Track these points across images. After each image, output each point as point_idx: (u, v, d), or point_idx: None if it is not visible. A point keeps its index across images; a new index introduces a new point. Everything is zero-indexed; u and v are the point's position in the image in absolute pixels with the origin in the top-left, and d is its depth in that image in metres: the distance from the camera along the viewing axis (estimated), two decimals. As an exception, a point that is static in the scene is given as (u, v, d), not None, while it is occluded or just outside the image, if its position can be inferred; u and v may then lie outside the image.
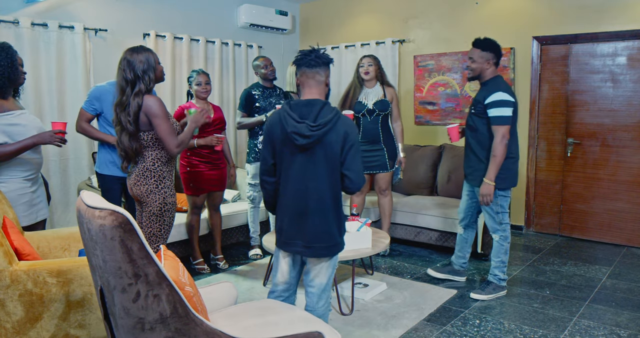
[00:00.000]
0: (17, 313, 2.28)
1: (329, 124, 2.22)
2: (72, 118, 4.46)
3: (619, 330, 3.04)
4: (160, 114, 2.72)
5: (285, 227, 2.37)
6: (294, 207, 2.33)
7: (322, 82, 2.34)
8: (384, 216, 4.51)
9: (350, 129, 2.28)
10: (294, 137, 2.23)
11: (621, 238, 4.77)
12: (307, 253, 2.35)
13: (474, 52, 3.40)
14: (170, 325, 1.60)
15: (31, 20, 4.14)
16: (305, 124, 2.22)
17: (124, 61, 2.71)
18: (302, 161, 2.28)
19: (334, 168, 2.29)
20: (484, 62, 3.38)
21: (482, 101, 3.35)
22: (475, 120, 3.43)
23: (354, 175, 2.30)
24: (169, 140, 2.76)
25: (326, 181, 2.29)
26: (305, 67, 2.31)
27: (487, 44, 3.39)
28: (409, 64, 5.82)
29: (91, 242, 1.60)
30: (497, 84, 3.38)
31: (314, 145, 2.24)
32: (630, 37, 4.55)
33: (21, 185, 2.95)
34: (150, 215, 2.82)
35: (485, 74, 3.42)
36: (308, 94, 2.33)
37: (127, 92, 2.69)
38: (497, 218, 3.46)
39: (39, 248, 2.89)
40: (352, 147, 2.27)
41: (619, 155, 4.72)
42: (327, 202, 2.31)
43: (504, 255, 3.52)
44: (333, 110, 2.27)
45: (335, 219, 2.34)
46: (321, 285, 2.41)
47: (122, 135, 2.74)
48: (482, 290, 3.55)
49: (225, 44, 5.72)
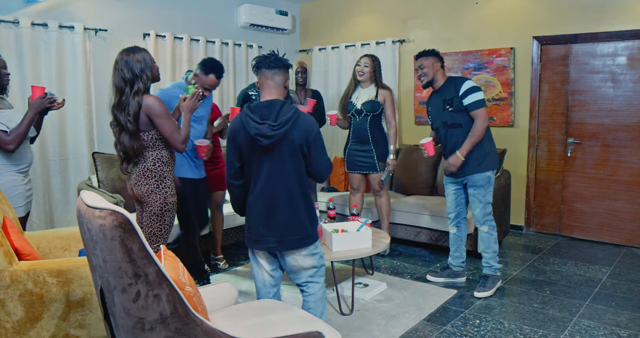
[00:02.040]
0: (17, 313, 2.29)
1: (289, 121, 2.30)
2: (71, 118, 4.48)
3: (619, 330, 3.04)
4: (162, 113, 2.72)
5: (255, 225, 2.42)
6: (263, 205, 2.38)
7: (281, 84, 2.42)
8: (382, 216, 4.51)
9: (310, 125, 2.35)
10: (258, 138, 2.30)
11: (621, 238, 4.77)
12: (280, 248, 2.40)
13: (422, 61, 3.63)
14: (171, 325, 1.61)
15: (31, 20, 4.14)
16: (267, 124, 2.29)
17: (121, 61, 2.71)
18: (268, 161, 2.35)
19: (299, 164, 2.37)
20: (432, 65, 3.61)
21: (456, 96, 3.54)
22: (456, 117, 3.56)
23: (318, 170, 2.42)
24: (174, 138, 2.77)
25: (293, 177, 2.37)
26: (264, 69, 2.39)
27: (429, 51, 3.66)
28: (409, 64, 5.82)
29: (91, 242, 1.60)
30: (458, 77, 3.66)
31: (278, 144, 2.31)
32: (630, 37, 4.55)
33: (14, 177, 3.03)
34: (150, 215, 2.82)
35: (438, 77, 3.63)
36: (267, 95, 2.40)
37: (127, 92, 2.69)
38: (487, 209, 3.61)
39: (39, 248, 2.89)
40: (313, 142, 2.36)
41: (619, 155, 4.72)
42: (296, 197, 2.38)
43: (495, 245, 3.67)
44: (292, 109, 2.34)
45: (305, 211, 2.42)
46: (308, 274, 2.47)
47: (121, 136, 2.74)
48: (484, 287, 3.60)
49: (225, 44, 5.72)
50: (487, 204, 3.60)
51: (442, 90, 3.63)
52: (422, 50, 3.70)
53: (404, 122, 5.94)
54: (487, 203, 3.60)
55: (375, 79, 4.33)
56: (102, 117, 4.64)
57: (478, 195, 3.58)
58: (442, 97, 3.61)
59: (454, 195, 3.77)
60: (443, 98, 3.60)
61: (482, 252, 3.70)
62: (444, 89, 3.62)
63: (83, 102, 4.49)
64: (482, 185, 3.56)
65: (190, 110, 2.91)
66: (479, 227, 3.66)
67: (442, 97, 3.61)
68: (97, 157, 4.11)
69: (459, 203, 3.78)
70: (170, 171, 2.88)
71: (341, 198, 5.12)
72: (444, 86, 3.62)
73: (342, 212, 5.03)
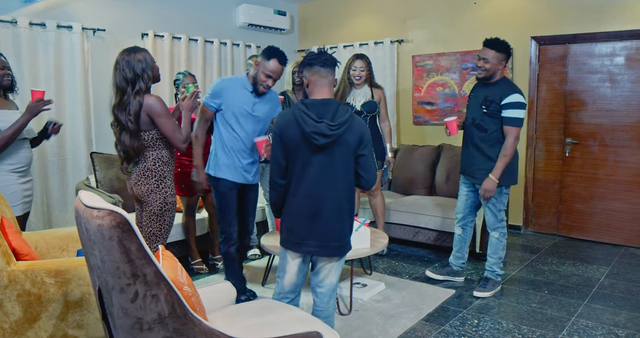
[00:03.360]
0: (15, 314, 2.28)
1: (347, 123, 2.24)
2: (69, 118, 4.47)
3: (617, 329, 3.05)
4: (163, 112, 2.72)
5: (297, 227, 2.34)
6: (308, 207, 2.31)
7: (332, 83, 2.37)
8: (377, 216, 4.50)
9: (365, 129, 2.33)
10: (314, 136, 2.22)
11: (619, 238, 4.78)
12: (321, 253, 2.35)
13: (488, 53, 3.37)
14: (169, 325, 1.60)
15: (29, 20, 4.13)
16: (325, 123, 2.21)
17: (122, 61, 2.70)
18: (319, 161, 2.27)
19: (349, 167, 2.32)
20: (498, 63, 3.40)
21: (497, 101, 3.37)
22: (486, 120, 3.43)
23: (369, 175, 2.36)
24: (176, 137, 2.77)
25: (342, 181, 2.31)
26: (319, 66, 2.32)
27: (502, 45, 3.39)
28: (407, 64, 5.82)
29: (89, 242, 1.59)
30: (512, 85, 3.45)
31: (332, 145, 2.25)
32: (628, 37, 4.56)
33: (6, 176, 3.04)
34: (150, 215, 2.82)
35: (497, 74, 3.45)
36: (319, 94, 2.33)
37: (128, 91, 2.68)
38: (499, 216, 3.55)
39: (37, 248, 2.89)
40: (366, 147, 2.32)
41: (617, 155, 4.73)
42: (342, 202, 2.33)
43: (502, 251, 3.62)
44: (348, 111, 2.29)
45: (348, 219, 2.38)
46: (332, 285, 2.44)
47: (122, 135, 2.74)
48: (484, 288, 3.60)
49: (223, 43, 5.72)
50: (499, 212, 3.53)
51: (491, 87, 3.45)
52: (494, 38, 3.40)
53: (402, 122, 5.94)
54: (499, 211, 3.53)
55: (369, 79, 4.33)
56: (100, 117, 4.64)
57: (488, 204, 3.53)
58: (485, 94, 3.44)
59: (465, 197, 3.72)
60: (485, 96, 3.43)
61: (488, 256, 3.67)
62: (492, 88, 3.44)
63: (81, 102, 4.48)
64: (493, 195, 3.47)
65: (190, 109, 2.92)
66: (490, 232, 3.61)
67: (485, 95, 3.44)
68: (96, 157, 4.10)
69: (468, 205, 3.73)
70: (171, 171, 2.88)
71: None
72: (495, 85, 3.44)
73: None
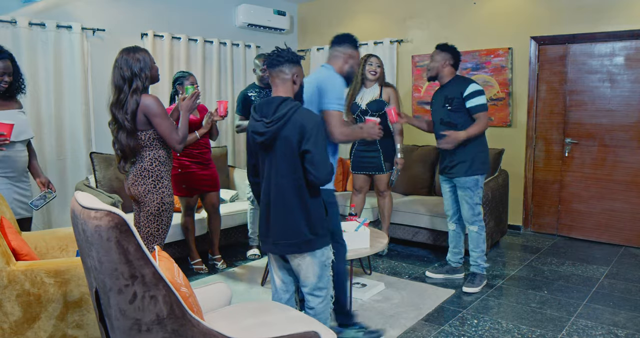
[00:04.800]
0: (14, 314, 2.28)
1: (283, 118, 2.20)
2: (69, 118, 4.47)
3: (617, 329, 3.05)
4: (159, 112, 2.72)
5: (260, 226, 2.42)
6: (263, 206, 2.37)
7: (288, 80, 2.33)
8: (383, 217, 4.50)
9: (308, 120, 2.21)
10: (253, 136, 2.29)
11: (619, 238, 4.77)
12: (274, 251, 2.38)
13: (434, 54, 3.66)
14: (167, 326, 1.60)
15: (29, 20, 4.14)
16: (262, 121, 2.25)
17: (121, 60, 2.71)
18: (268, 160, 2.31)
19: (294, 163, 2.25)
20: (441, 61, 3.61)
21: (457, 96, 3.56)
22: (452, 116, 3.60)
23: (317, 171, 2.22)
24: (172, 138, 2.77)
25: (287, 177, 2.26)
26: (269, 67, 2.35)
27: (446, 46, 3.65)
28: (407, 63, 5.82)
29: (86, 243, 1.59)
30: (465, 79, 3.66)
31: (274, 143, 2.25)
32: (627, 37, 4.55)
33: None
34: (148, 215, 2.82)
35: (444, 73, 3.63)
36: (275, 93, 2.36)
37: (125, 90, 2.69)
38: (476, 209, 3.65)
39: (37, 248, 2.89)
40: (310, 141, 2.19)
41: (617, 155, 4.72)
42: (289, 198, 2.28)
43: (483, 244, 3.73)
44: (289, 105, 2.23)
45: (302, 215, 2.29)
46: (312, 284, 2.39)
47: (119, 134, 2.74)
48: (472, 283, 3.69)
49: (223, 44, 5.72)
50: (476, 205, 3.64)
51: (446, 87, 3.65)
52: (443, 43, 3.68)
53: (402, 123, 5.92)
54: (476, 204, 3.64)
55: (381, 78, 4.33)
56: (99, 117, 4.64)
57: (465, 197, 3.63)
58: (444, 95, 3.64)
59: (449, 193, 3.82)
60: (445, 95, 3.63)
61: (471, 251, 3.76)
62: (448, 87, 3.64)
63: (81, 102, 4.49)
64: (469, 187, 3.60)
65: (189, 110, 2.93)
66: (468, 226, 3.71)
67: (445, 95, 3.63)
68: (95, 157, 4.10)
69: (454, 200, 3.82)
70: (168, 171, 2.88)
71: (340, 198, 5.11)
72: (449, 84, 3.64)
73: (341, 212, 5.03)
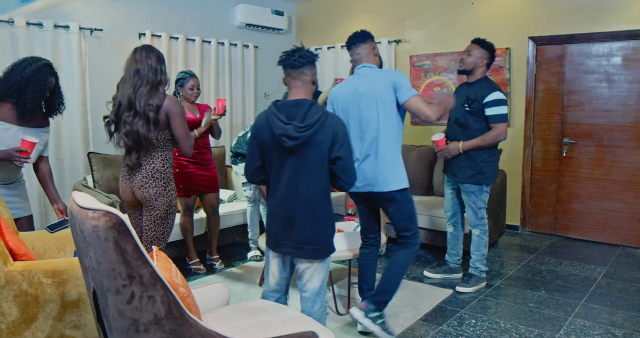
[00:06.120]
0: (12, 314, 2.28)
1: (317, 124, 2.19)
2: (67, 118, 4.46)
3: (614, 329, 3.05)
4: (180, 113, 2.69)
5: (275, 229, 2.36)
6: (283, 209, 2.31)
7: (309, 82, 2.31)
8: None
9: (339, 127, 2.25)
10: (282, 139, 2.21)
11: (616, 238, 4.79)
12: (296, 254, 2.33)
13: (472, 47, 3.52)
14: (165, 326, 1.60)
15: (26, 20, 4.13)
16: (293, 125, 2.19)
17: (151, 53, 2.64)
18: (292, 163, 2.26)
19: (324, 169, 2.26)
20: (478, 58, 3.49)
21: (478, 100, 3.43)
22: (469, 118, 3.50)
23: (346, 175, 2.28)
24: (186, 141, 2.73)
25: (316, 183, 2.26)
26: (289, 69, 2.28)
27: (487, 43, 3.52)
28: (405, 64, 5.83)
29: (84, 243, 1.59)
30: (492, 83, 3.51)
31: (303, 147, 2.22)
32: (625, 37, 4.56)
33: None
34: (155, 219, 2.73)
35: (477, 71, 3.52)
36: (295, 95, 2.31)
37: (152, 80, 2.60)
38: (480, 214, 3.62)
39: (34, 248, 2.88)
40: (342, 146, 2.23)
41: (614, 155, 4.73)
42: (317, 205, 2.28)
43: (484, 248, 3.70)
44: (320, 110, 2.24)
45: (326, 222, 2.32)
46: (314, 290, 2.38)
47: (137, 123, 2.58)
48: (467, 283, 3.69)
49: (221, 44, 5.72)
50: (480, 209, 3.61)
51: (472, 87, 3.53)
52: (482, 39, 3.54)
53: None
54: (479, 209, 3.60)
55: None
56: (97, 117, 4.63)
57: (469, 201, 3.61)
58: (467, 93, 3.52)
59: (451, 195, 3.81)
60: (467, 95, 3.51)
61: (471, 253, 3.75)
62: (473, 87, 3.52)
63: (78, 102, 4.48)
64: (474, 192, 3.57)
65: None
66: (471, 229, 3.70)
67: (467, 94, 3.51)
68: (93, 157, 4.09)
69: (455, 203, 3.81)
70: (172, 173, 2.84)
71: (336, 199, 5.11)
72: (475, 84, 3.52)
73: (338, 211, 5.03)
